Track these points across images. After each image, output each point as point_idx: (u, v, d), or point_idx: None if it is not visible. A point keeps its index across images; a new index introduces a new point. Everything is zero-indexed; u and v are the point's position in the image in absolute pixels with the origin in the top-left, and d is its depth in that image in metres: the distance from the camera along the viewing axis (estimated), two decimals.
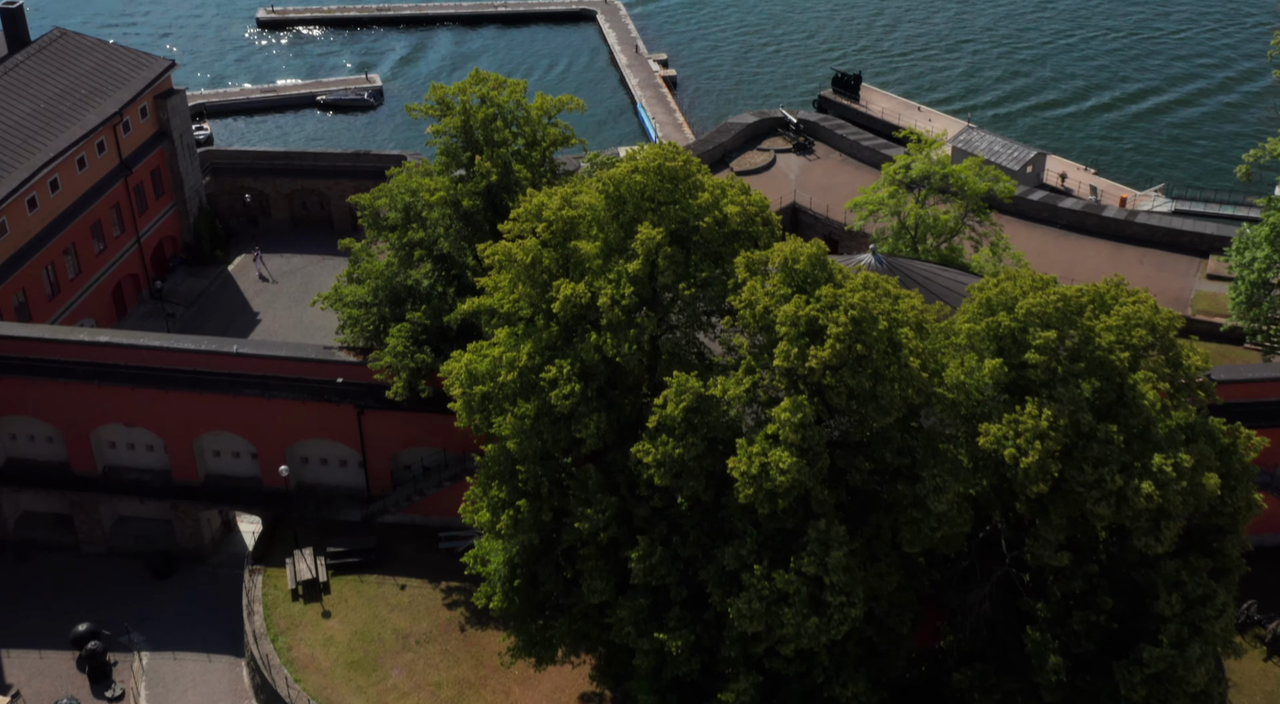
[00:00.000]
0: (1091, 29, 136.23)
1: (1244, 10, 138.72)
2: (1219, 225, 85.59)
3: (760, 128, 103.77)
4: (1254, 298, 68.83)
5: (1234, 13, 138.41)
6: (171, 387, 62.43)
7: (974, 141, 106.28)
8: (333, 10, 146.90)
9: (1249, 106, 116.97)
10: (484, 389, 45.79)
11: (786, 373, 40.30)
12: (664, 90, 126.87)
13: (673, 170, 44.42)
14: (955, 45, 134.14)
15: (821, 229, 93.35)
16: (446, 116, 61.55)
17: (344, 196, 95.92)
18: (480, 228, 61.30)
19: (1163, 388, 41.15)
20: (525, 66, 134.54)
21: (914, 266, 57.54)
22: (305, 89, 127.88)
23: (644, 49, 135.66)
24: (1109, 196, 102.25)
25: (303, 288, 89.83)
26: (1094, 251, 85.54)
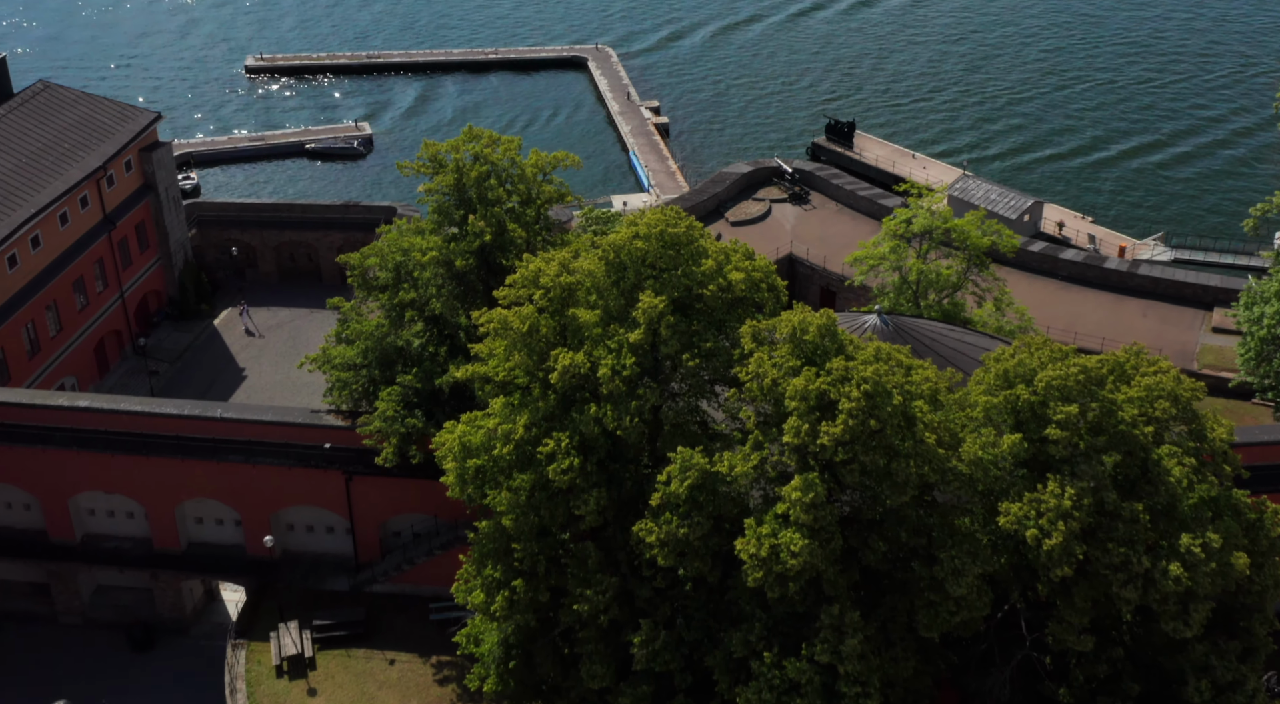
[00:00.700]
0: (1088, 78, 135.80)
1: (1242, 60, 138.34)
2: (1223, 277, 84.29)
3: (755, 177, 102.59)
4: (1264, 353, 67.40)
5: (1231, 63, 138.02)
6: (153, 453, 60.28)
7: (970, 190, 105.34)
8: (321, 58, 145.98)
9: (1248, 155, 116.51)
10: (478, 463, 43.88)
11: (797, 450, 38.49)
12: (656, 138, 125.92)
13: (675, 236, 42.82)
14: (950, 93, 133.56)
15: (819, 280, 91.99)
16: (439, 174, 60.03)
17: (333, 249, 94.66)
18: (473, 288, 59.61)
19: (1188, 463, 39.41)
20: (516, 114, 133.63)
21: (920, 327, 55.95)
22: (294, 138, 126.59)
23: (635, 96, 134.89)
24: (1107, 246, 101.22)
25: (290, 342, 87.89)
26: (1096, 304, 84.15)
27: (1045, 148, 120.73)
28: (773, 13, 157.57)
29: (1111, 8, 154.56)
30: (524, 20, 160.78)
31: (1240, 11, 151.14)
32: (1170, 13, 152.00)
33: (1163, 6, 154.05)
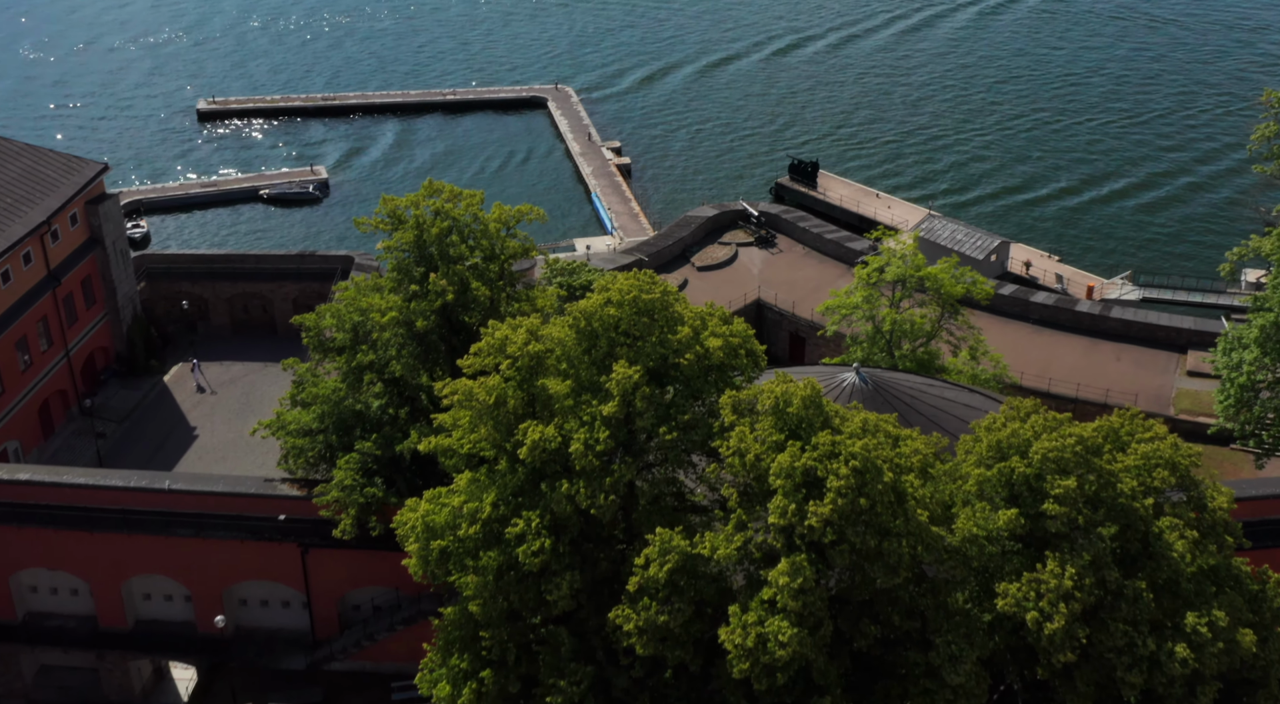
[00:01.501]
0: (1054, 117, 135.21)
1: (1203, 94, 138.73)
2: (1196, 319, 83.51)
3: (721, 221, 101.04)
4: (1243, 400, 66.17)
5: (1193, 97, 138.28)
6: (98, 527, 57.20)
7: (936, 230, 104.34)
8: (276, 101, 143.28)
9: (1214, 193, 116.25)
10: (443, 544, 41.32)
11: (783, 530, 36.30)
12: (618, 179, 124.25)
13: (649, 303, 40.76)
14: (913, 132, 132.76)
15: (787, 326, 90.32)
16: (398, 231, 57.63)
17: (288, 300, 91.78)
18: (435, 348, 57.21)
19: (1190, 536, 37.63)
20: (475, 155, 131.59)
21: (899, 384, 54.14)
22: (248, 183, 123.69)
23: (596, 137, 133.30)
24: (1075, 285, 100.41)
25: (244, 399, 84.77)
26: (1069, 348, 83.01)
27: (1011, 187, 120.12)
28: (733, 53, 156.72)
29: (1076, 50, 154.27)
30: (481, 61, 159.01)
31: (1201, 55, 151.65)
32: (1134, 54, 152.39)
33: (1126, 48, 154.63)
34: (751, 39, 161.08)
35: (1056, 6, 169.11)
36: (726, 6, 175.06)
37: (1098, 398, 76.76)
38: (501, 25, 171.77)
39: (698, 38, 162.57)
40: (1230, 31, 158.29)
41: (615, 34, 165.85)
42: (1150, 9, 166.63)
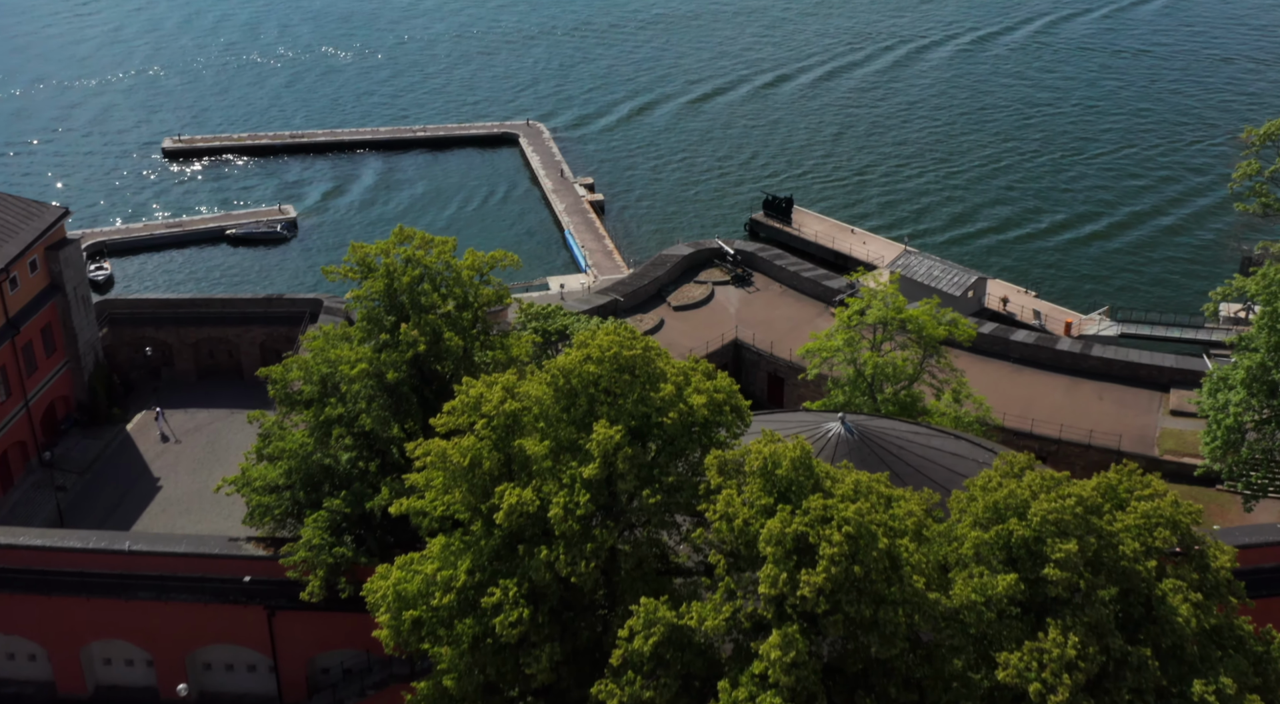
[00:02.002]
0: (1027, 150, 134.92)
1: (1180, 129, 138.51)
2: (1178, 357, 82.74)
3: (696, 259, 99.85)
4: (1230, 442, 65.20)
5: (1170, 132, 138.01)
6: (55, 591, 54.80)
7: (913, 266, 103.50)
8: (243, 138, 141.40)
9: (1189, 227, 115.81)
10: (415, 614, 39.40)
11: (774, 600, 34.64)
12: (591, 216, 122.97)
13: (630, 360, 39.17)
14: (888, 167, 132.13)
15: (766, 366, 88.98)
16: (368, 279, 55.90)
17: (255, 345, 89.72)
18: (407, 400, 55.39)
19: (1194, 598, 36.25)
20: (446, 193, 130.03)
21: (886, 433, 52.71)
22: (214, 222, 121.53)
23: (569, 173, 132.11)
24: (1053, 322, 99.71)
25: (209, 448, 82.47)
26: (1050, 387, 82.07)
27: (986, 222, 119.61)
28: (706, 90, 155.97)
29: (1054, 86, 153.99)
30: (452, 97, 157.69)
31: (1179, 89, 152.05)
32: (1112, 90, 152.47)
33: (1102, 84, 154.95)
34: (724, 75, 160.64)
35: (1034, 42, 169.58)
36: (697, 43, 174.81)
37: (1081, 439, 75.77)
38: (471, 61, 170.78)
39: (670, 74, 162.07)
40: (1210, 64, 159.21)
41: (587, 70, 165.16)
42: (1129, 43, 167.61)
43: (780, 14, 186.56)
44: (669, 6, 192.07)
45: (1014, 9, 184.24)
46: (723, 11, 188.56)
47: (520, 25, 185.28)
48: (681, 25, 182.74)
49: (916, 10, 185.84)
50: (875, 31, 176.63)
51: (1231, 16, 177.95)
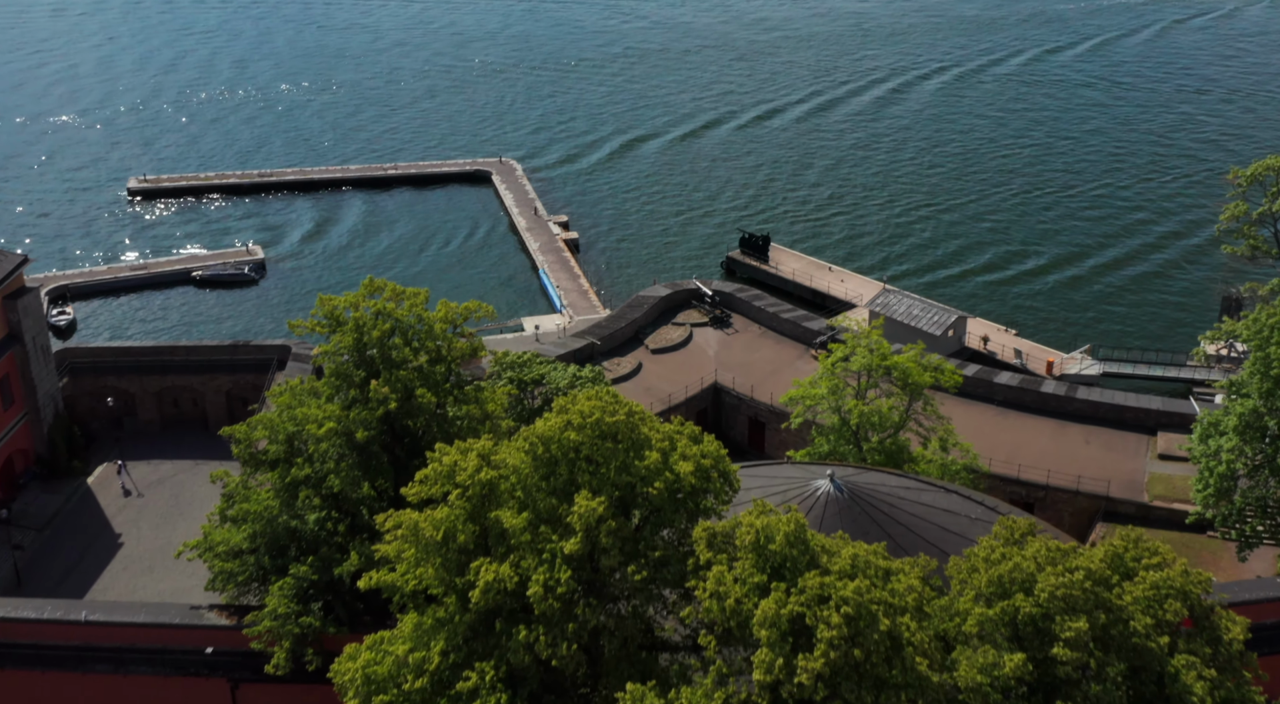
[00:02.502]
0: (1008, 188, 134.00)
1: (1161, 164, 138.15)
2: (1164, 400, 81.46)
3: (674, 300, 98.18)
4: (1223, 489, 63.77)
5: (1151, 171, 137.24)
6: (7, 664, 51.99)
7: (892, 304, 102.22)
8: (210, 177, 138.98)
9: (1169, 263, 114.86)
10: (386, 699, 37.08)
11: (769, 687, 32.58)
12: (566, 254, 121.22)
13: (613, 426, 37.19)
14: (865, 205, 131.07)
15: (746, 410, 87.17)
16: (337, 333, 53.74)
17: (221, 393, 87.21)
18: (377, 459, 53.14)
19: (1208, 675, 34.47)
20: (418, 233, 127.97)
21: (876, 490, 50.85)
22: (180, 265, 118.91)
23: (543, 211, 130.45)
24: (1034, 360, 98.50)
25: (172, 501, 79.75)
26: (1036, 430, 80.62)
27: (966, 259, 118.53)
28: (682, 127, 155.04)
29: (1026, 121, 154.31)
30: (423, 134, 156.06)
31: (1160, 126, 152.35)
32: (1092, 127, 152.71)
33: (1083, 121, 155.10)
34: (699, 112, 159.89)
35: (1014, 78, 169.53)
36: (670, 78, 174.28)
37: (1069, 484, 74.25)
38: (442, 97, 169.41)
39: (644, 110, 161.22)
40: (1190, 99, 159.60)
41: (560, 106, 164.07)
42: (1111, 78, 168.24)
43: (753, 48, 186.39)
44: (639, 41, 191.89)
45: (996, 45, 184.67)
46: (695, 46, 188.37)
47: (490, 60, 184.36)
48: (653, 60, 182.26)
49: (894, 46, 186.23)
50: (853, 67, 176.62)
51: (1215, 52, 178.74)
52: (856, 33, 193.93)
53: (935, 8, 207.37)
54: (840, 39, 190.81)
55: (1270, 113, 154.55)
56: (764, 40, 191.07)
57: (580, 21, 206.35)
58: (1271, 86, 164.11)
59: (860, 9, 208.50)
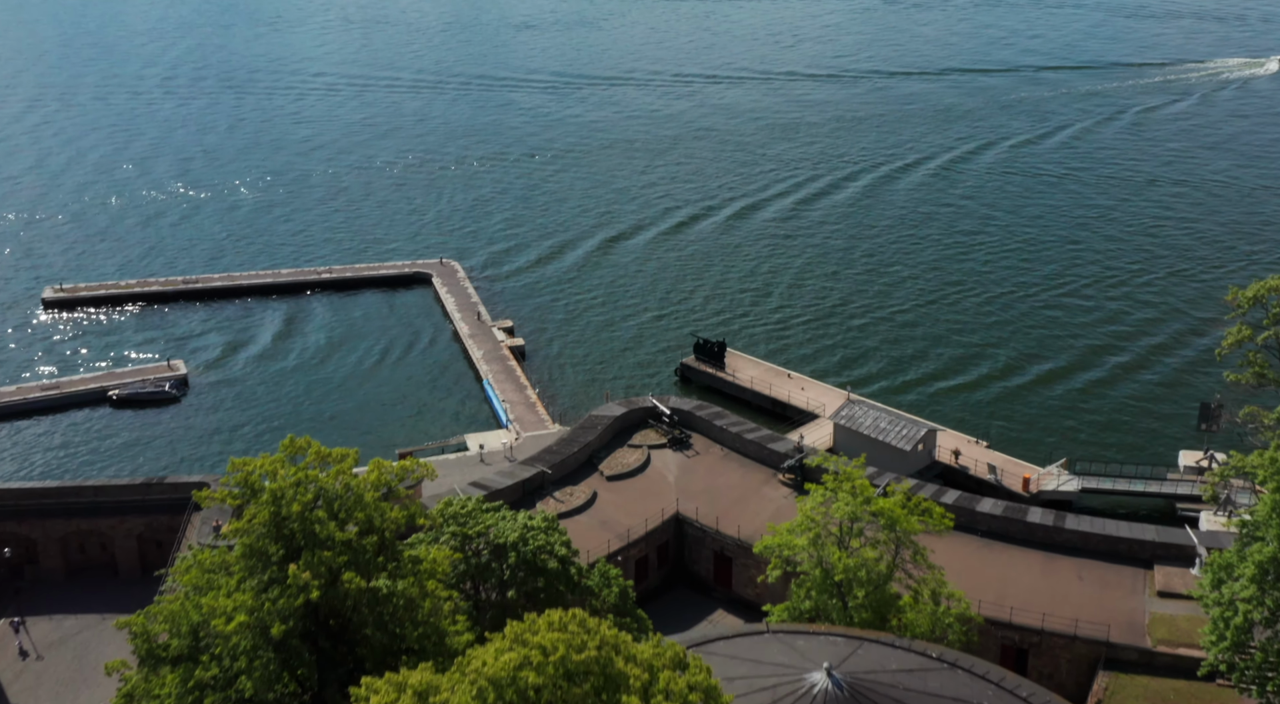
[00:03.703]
0: (973, 288, 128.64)
1: (1132, 267, 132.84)
2: (1159, 529, 75.99)
3: (629, 420, 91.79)
4: (1240, 641, 57.99)
5: (1122, 267, 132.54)
6: None
7: (857, 417, 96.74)
8: (132, 285, 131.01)
9: (1144, 369, 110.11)
10: None
11: None
12: (512, 363, 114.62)
13: (582, 664, 30.37)
14: (826, 307, 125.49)
15: (711, 543, 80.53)
16: (251, 506, 46.54)
17: (132, 537, 79.55)
18: (298, 654, 45.66)
19: None
20: (354, 339, 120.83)
21: (878, 685, 44.35)
22: (95, 383, 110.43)
23: (486, 316, 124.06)
24: (1009, 476, 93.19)
25: (76, 663, 71.61)
26: (1025, 565, 74.69)
27: (930, 364, 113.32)
28: (631, 226, 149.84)
29: (990, 218, 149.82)
30: (359, 234, 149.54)
31: (1121, 220, 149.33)
32: (1051, 221, 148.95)
33: (1033, 217, 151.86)
34: (648, 210, 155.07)
35: (976, 170, 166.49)
36: (617, 175, 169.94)
37: (1066, 629, 68.20)
38: (379, 195, 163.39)
39: (590, 209, 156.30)
40: (1159, 191, 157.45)
41: (503, 204, 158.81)
42: (1077, 170, 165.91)
43: (702, 142, 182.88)
44: (583, 134, 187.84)
45: (960, 138, 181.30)
46: (641, 140, 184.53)
47: (430, 156, 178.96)
48: (598, 155, 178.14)
49: (852, 139, 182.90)
50: (809, 162, 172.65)
51: (1193, 141, 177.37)
52: (812, 125, 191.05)
53: (890, 98, 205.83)
54: (794, 132, 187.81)
55: (1239, 206, 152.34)
56: (714, 134, 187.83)
57: (523, 114, 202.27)
58: (1242, 178, 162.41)
59: (815, 100, 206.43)
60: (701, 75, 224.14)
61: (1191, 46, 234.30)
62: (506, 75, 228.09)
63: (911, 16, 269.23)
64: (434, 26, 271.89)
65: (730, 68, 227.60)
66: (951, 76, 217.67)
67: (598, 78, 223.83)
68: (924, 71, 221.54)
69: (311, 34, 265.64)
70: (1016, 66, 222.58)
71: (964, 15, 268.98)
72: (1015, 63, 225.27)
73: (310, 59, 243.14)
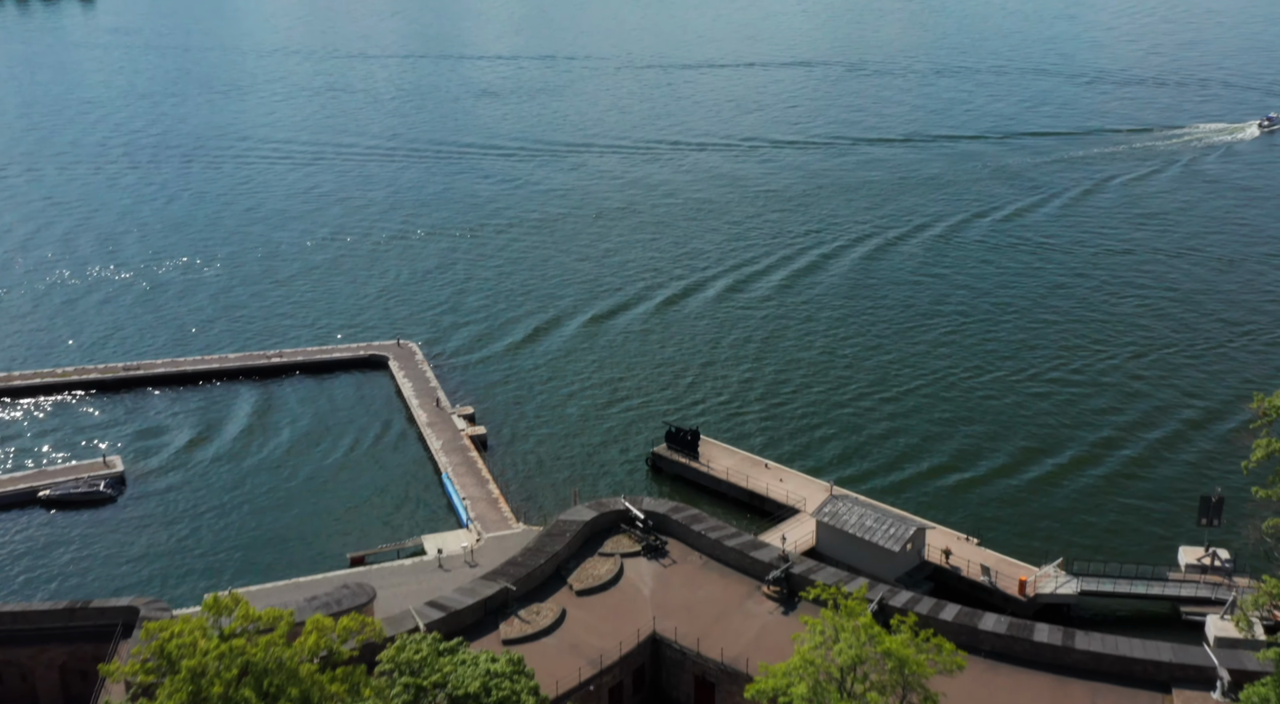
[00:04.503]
0: (963, 374, 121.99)
1: (1126, 350, 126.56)
2: (1175, 648, 70.34)
3: (599, 525, 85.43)
4: None
5: (1114, 354, 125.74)
6: None
7: (841, 514, 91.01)
8: (68, 373, 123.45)
9: (1143, 462, 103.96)
10: None
11: None
12: (473, 454, 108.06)
13: None
14: (806, 394, 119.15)
15: (691, 667, 74.03)
16: (167, 684, 39.73)
17: (54, 667, 72.00)
18: None
19: None
20: (305, 429, 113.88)
21: None
22: (24, 483, 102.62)
23: (446, 402, 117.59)
24: (1004, 578, 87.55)
25: None
26: (1034, 690, 68.74)
27: (917, 455, 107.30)
28: (595, 303, 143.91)
29: (980, 299, 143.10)
30: (311, 315, 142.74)
31: (1113, 303, 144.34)
32: (1042, 300, 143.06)
33: (1028, 298, 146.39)
34: (616, 289, 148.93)
35: (967, 244, 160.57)
36: (583, 250, 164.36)
37: None
38: (331, 272, 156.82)
39: (556, 286, 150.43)
40: (1155, 266, 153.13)
41: (463, 282, 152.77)
42: (1069, 243, 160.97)
43: (664, 213, 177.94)
44: (549, 206, 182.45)
45: (943, 210, 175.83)
46: (606, 209, 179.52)
47: (388, 228, 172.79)
48: (562, 228, 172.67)
49: (828, 211, 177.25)
50: (785, 236, 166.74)
51: (1191, 214, 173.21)
52: (781, 194, 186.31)
53: (865, 166, 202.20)
54: (762, 201, 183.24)
55: (1235, 279, 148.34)
56: (678, 203, 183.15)
57: (486, 182, 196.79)
58: (1243, 251, 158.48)
59: (782, 167, 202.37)
60: (665, 141, 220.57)
61: (1163, 113, 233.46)
62: (471, 141, 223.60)
63: (875, 83, 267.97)
64: (392, 94, 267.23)
65: (694, 134, 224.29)
66: (940, 143, 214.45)
67: (559, 144, 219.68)
68: (906, 139, 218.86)
69: (265, 102, 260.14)
70: (983, 133, 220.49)
71: (925, 83, 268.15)
72: (991, 130, 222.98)
73: (263, 127, 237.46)
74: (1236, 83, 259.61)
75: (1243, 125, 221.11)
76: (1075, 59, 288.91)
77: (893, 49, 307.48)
